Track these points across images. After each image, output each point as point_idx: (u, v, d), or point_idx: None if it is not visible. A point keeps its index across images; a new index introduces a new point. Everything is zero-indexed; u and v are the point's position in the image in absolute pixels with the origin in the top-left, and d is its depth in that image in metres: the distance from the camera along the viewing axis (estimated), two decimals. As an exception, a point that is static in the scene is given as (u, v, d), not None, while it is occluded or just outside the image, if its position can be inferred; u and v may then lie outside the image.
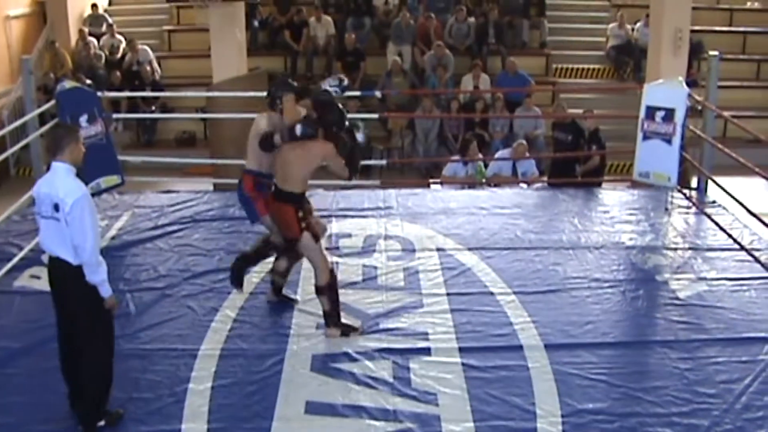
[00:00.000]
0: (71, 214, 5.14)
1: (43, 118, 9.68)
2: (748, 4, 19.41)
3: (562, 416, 5.55)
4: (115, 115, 12.16)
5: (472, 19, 17.32)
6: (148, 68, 16.54)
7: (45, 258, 5.60)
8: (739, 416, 5.59)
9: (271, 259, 7.15)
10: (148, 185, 10.97)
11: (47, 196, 5.24)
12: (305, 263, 7.10)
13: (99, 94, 9.66)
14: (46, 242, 5.33)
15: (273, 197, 6.60)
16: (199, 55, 16.07)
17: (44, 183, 5.33)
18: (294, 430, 5.41)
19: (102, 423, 5.40)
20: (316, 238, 6.57)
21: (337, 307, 6.58)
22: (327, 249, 8.05)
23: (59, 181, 5.23)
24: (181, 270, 7.66)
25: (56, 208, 5.18)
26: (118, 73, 16.34)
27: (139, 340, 6.50)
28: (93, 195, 8.92)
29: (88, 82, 14.60)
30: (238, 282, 7.04)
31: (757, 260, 7.95)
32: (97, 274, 5.28)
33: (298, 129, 6.40)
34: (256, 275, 7.60)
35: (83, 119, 8.91)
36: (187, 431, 5.39)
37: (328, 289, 6.53)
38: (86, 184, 8.73)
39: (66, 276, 5.28)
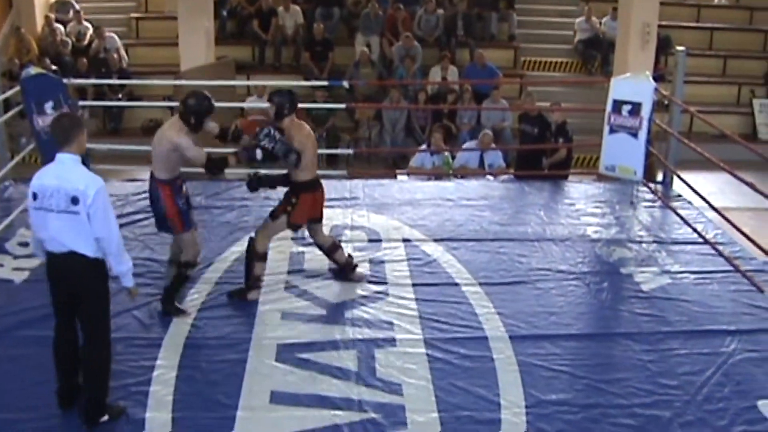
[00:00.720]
0: (94, 206, 5.01)
1: (7, 104, 9.58)
2: (716, 1, 19.55)
3: (526, 407, 5.59)
4: (81, 103, 12.00)
5: (441, 11, 17.33)
6: (115, 56, 16.41)
7: (38, 251, 5.46)
8: (700, 408, 5.65)
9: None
10: (113, 173, 10.89)
11: (59, 190, 5.05)
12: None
13: (65, 80, 9.56)
14: (58, 237, 5.11)
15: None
16: (167, 43, 16.00)
17: (49, 175, 5.16)
18: (259, 419, 5.40)
19: (105, 418, 5.29)
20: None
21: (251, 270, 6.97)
22: (293, 239, 8.10)
23: (72, 173, 5.08)
24: (145, 258, 7.61)
25: (74, 201, 5.01)
26: (84, 60, 16.19)
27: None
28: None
29: (54, 68, 14.47)
30: (177, 311, 6.70)
31: (720, 254, 8.02)
32: (123, 264, 5.25)
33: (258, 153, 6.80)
34: (222, 264, 7.58)
35: (48, 106, 8.82)
36: (151, 420, 5.35)
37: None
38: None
39: (83, 270, 5.13)
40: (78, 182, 5.02)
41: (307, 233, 7.49)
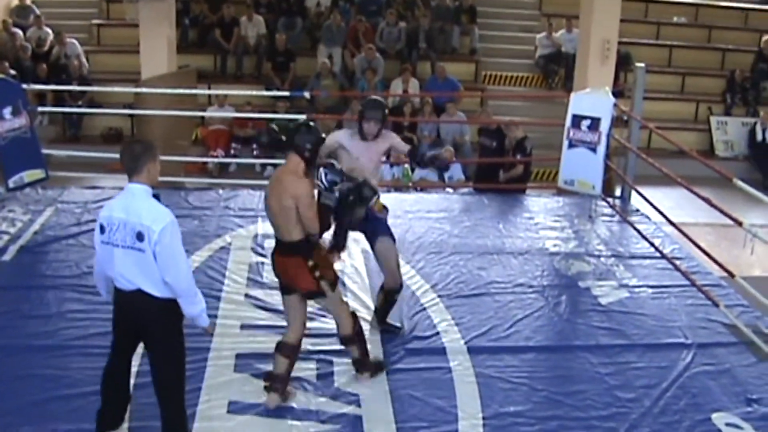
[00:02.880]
0: (160, 244, 4.65)
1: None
2: (675, 19, 19.73)
3: (484, 419, 5.61)
4: (40, 109, 11.96)
5: (403, 24, 17.35)
6: (76, 62, 16.26)
7: (101, 288, 5.18)
8: (656, 420, 5.71)
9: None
10: (72, 180, 10.81)
11: (125, 224, 4.70)
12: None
13: (24, 86, 9.49)
14: (124, 274, 4.78)
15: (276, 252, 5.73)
16: (128, 50, 15.87)
17: (117, 207, 4.77)
18: (216, 429, 5.38)
19: None
20: (333, 284, 5.74)
21: (366, 351, 6.02)
22: (252, 249, 8.09)
23: (140, 206, 4.71)
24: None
25: (139, 236, 4.66)
26: (44, 66, 16.05)
27: (61, 337, 6.41)
28: (15, 189, 8.87)
29: (13, 73, 14.33)
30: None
31: (677, 268, 8.10)
32: (196, 305, 4.90)
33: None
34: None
35: (7, 111, 8.78)
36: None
37: (356, 336, 5.97)
38: (8, 177, 8.73)
39: (151, 310, 4.81)
40: (145, 217, 4.67)
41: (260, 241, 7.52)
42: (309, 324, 6.66)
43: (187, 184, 11.45)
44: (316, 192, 5.64)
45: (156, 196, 4.82)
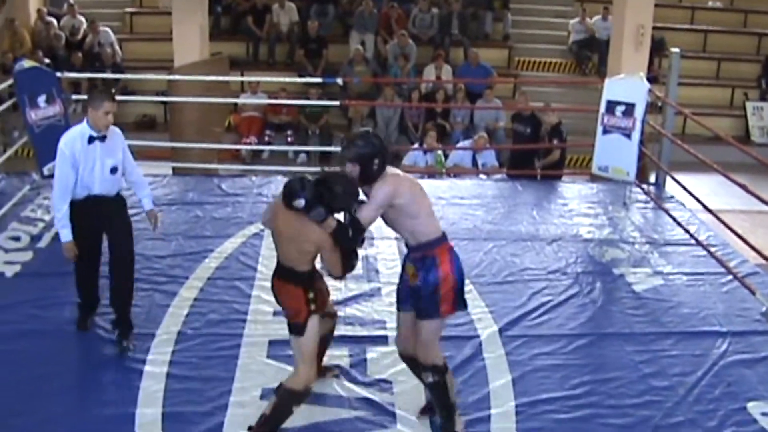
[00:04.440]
0: None
1: (0, 97, 9.57)
2: (710, 3, 19.59)
3: (517, 406, 5.58)
4: (74, 97, 12.00)
5: (435, 10, 17.32)
6: (109, 50, 16.37)
7: None
8: (690, 408, 5.65)
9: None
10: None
11: None
12: None
13: (58, 74, 9.54)
14: None
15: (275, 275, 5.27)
16: (161, 38, 15.94)
17: None
18: (249, 416, 5.37)
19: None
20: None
21: (280, 422, 5.09)
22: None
23: None
24: (138, 254, 7.56)
25: None
26: (79, 55, 16.16)
27: (95, 324, 6.42)
28: (50, 176, 8.89)
29: (47, 62, 14.43)
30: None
31: (712, 256, 8.02)
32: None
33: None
34: (214, 260, 7.58)
35: (41, 99, 8.82)
36: (141, 416, 5.33)
37: (294, 398, 5.09)
38: (43, 165, 8.78)
39: None
40: None
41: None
42: (341, 311, 6.70)
43: (220, 171, 11.48)
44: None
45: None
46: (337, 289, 7.08)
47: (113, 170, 6.00)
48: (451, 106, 15.14)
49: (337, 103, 13.32)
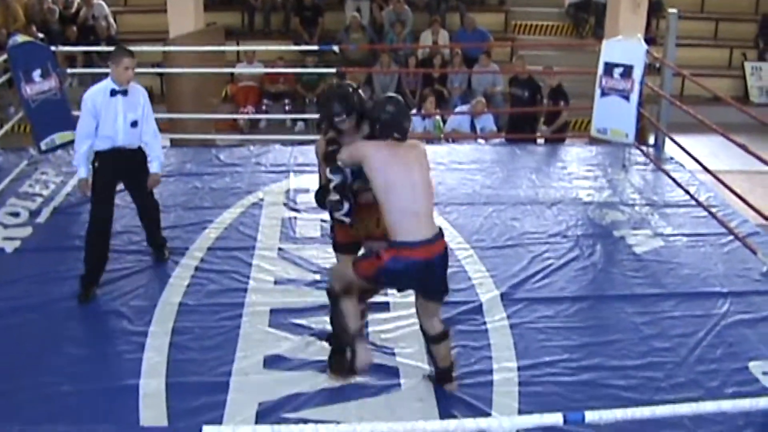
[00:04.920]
0: None
1: (-7, 73, 9.54)
2: (707, -37, 19.45)
3: (519, 369, 5.60)
4: (70, 71, 11.96)
5: (431, -25, 17.22)
6: (104, 23, 16.27)
7: None
8: (692, 369, 5.67)
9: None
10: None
11: None
12: None
13: (53, 48, 9.49)
14: None
15: None
16: (155, 9, 15.85)
17: None
18: (252, 384, 5.40)
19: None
20: None
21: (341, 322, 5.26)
22: (285, 204, 8.11)
23: None
24: (137, 226, 7.57)
25: None
26: (73, 28, 16.06)
27: (96, 298, 6.44)
28: (47, 151, 8.90)
29: (41, 36, 14.35)
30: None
31: (713, 216, 8.02)
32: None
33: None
34: (214, 231, 7.58)
35: (36, 74, 8.78)
36: (145, 386, 5.35)
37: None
38: (40, 140, 8.76)
39: None
40: None
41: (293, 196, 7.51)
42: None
43: (217, 141, 11.46)
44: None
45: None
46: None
47: (134, 124, 6.51)
48: (448, 71, 15.08)
49: (333, 70, 13.23)
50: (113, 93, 6.38)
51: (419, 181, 4.99)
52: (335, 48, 12.40)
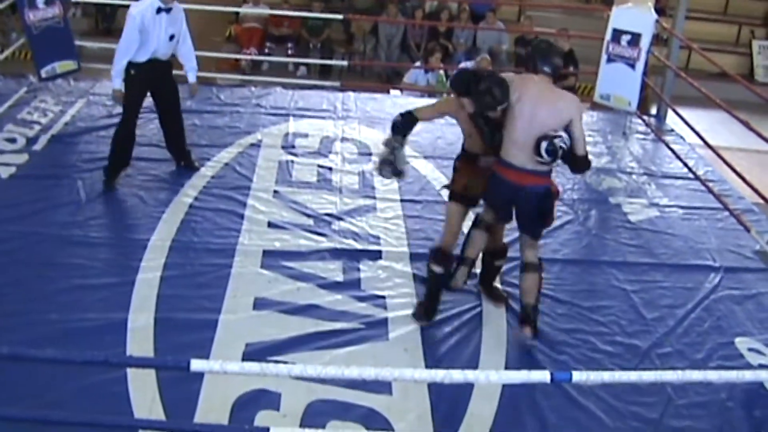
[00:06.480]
0: None
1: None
2: (722, -63, 19.27)
3: (508, 322, 5.67)
4: (73, 0, 11.83)
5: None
6: (110, -47, 16.10)
7: None
8: (679, 340, 5.71)
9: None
10: (104, 73, 10.66)
11: None
12: None
13: (57, -24, 9.38)
14: None
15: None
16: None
17: None
18: (241, 324, 5.41)
19: None
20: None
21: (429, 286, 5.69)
22: (284, 147, 8.09)
23: None
24: (134, 159, 7.55)
25: None
26: (79, -44, 15.90)
27: (89, 228, 6.43)
28: (47, 79, 8.84)
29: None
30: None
31: (709, 191, 8.02)
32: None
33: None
34: (210, 169, 7.55)
35: (40, 1, 8.68)
36: (134, 320, 5.35)
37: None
38: (41, 67, 8.70)
39: None
40: None
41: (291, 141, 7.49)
42: (336, 225, 6.72)
43: (219, 81, 11.38)
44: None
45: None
46: (331, 202, 7.10)
47: (171, 38, 6.98)
48: (454, 25, 14.97)
49: (340, 17, 13.15)
50: (159, 11, 6.81)
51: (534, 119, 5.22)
52: (342, -6, 12.30)
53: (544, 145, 5.15)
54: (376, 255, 6.33)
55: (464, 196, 5.65)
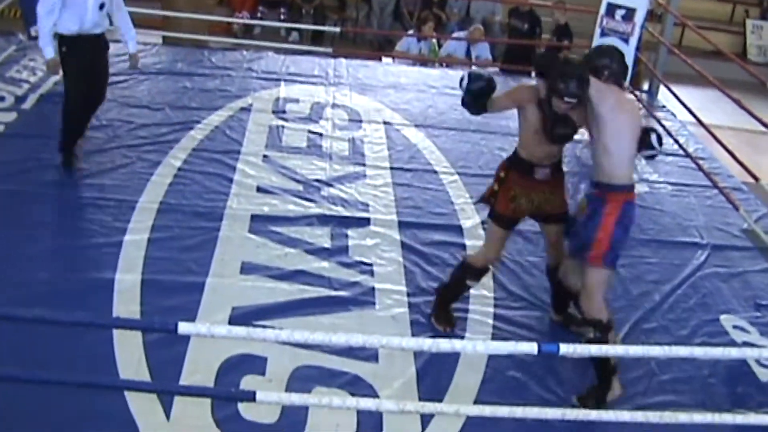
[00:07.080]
0: None
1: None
2: None
3: (495, 299, 5.64)
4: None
5: None
6: None
7: None
8: (664, 316, 5.72)
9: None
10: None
11: None
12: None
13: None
14: None
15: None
16: None
17: None
18: (227, 288, 5.40)
19: None
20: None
21: (455, 294, 5.36)
22: (274, 112, 8.05)
23: None
24: (123, 121, 7.51)
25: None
26: None
27: (78, 189, 6.42)
28: (37, 38, 8.73)
29: None
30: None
31: (699, 168, 8.02)
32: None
33: None
34: (200, 132, 7.52)
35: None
36: (121, 281, 5.34)
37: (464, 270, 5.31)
38: (30, 25, 8.60)
39: None
40: None
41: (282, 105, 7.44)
42: (325, 191, 6.71)
43: (211, 44, 11.31)
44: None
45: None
46: (321, 168, 7.09)
47: (101, 6, 6.33)
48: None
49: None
50: None
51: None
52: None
53: (653, 136, 4.95)
54: (365, 222, 6.33)
55: (512, 219, 5.15)
